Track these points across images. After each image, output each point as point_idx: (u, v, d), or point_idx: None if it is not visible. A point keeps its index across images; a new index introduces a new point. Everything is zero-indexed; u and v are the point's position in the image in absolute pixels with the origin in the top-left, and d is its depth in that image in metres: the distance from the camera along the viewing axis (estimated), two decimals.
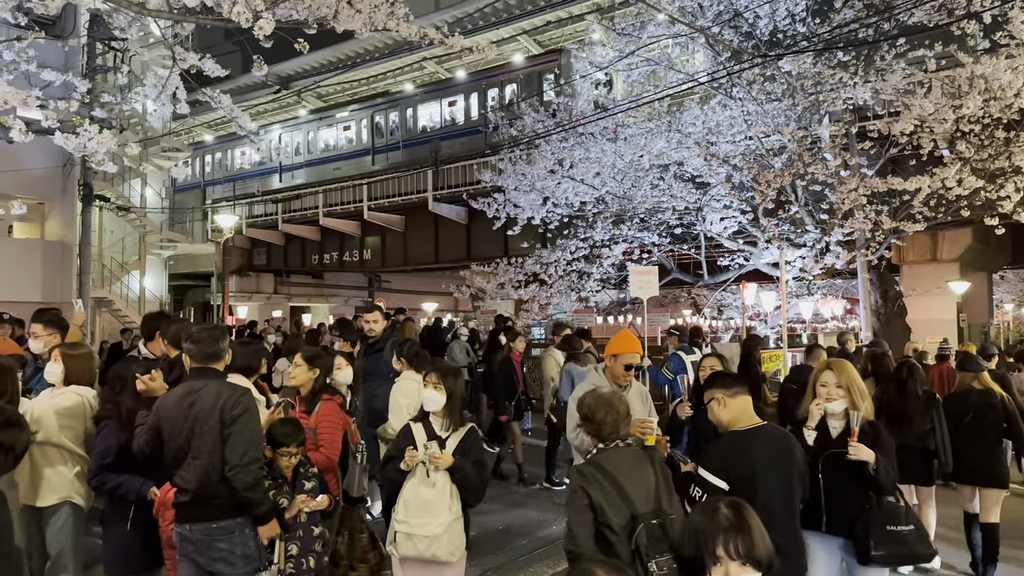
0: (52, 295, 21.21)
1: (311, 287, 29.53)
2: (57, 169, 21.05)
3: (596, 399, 3.19)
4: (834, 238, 12.22)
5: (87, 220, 19.90)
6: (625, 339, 4.24)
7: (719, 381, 3.43)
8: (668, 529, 2.89)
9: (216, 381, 3.47)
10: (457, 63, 25.96)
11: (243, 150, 28.75)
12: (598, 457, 3.11)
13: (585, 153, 13.40)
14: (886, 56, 11.62)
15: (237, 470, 3.28)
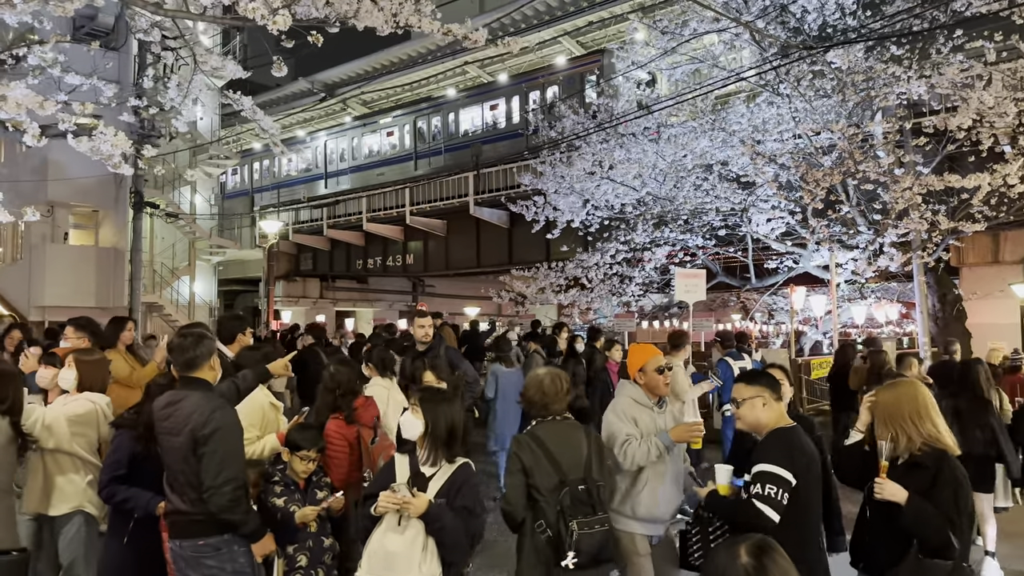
0: (105, 300, 21.79)
1: (356, 292, 29.76)
2: (110, 177, 21.62)
3: (544, 379, 3.51)
4: (888, 239, 11.70)
5: (138, 227, 20.38)
6: (639, 350, 3.92)
7: (764, 380, 3.28)
8: (593, 494, 3.28)
9: (196, 394, 3.27)
10: (499, 67, 25.90)
11: (290, 157, 29.19)
12: (535, 428, 3.46)
13: (626, 154, 13.13)
14: (942, 48, 11.09)
15: (212, 491, 3.11)
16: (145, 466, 3.54)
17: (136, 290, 20.77)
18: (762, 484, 2.98)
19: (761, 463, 3.05)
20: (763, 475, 3.01)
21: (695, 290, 8.64)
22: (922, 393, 3.09)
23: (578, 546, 3.16)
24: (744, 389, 3.23)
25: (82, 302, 21.24)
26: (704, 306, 38.03)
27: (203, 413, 3.17)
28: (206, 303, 25.20)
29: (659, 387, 3.74)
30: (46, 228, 21.40)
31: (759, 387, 3.20)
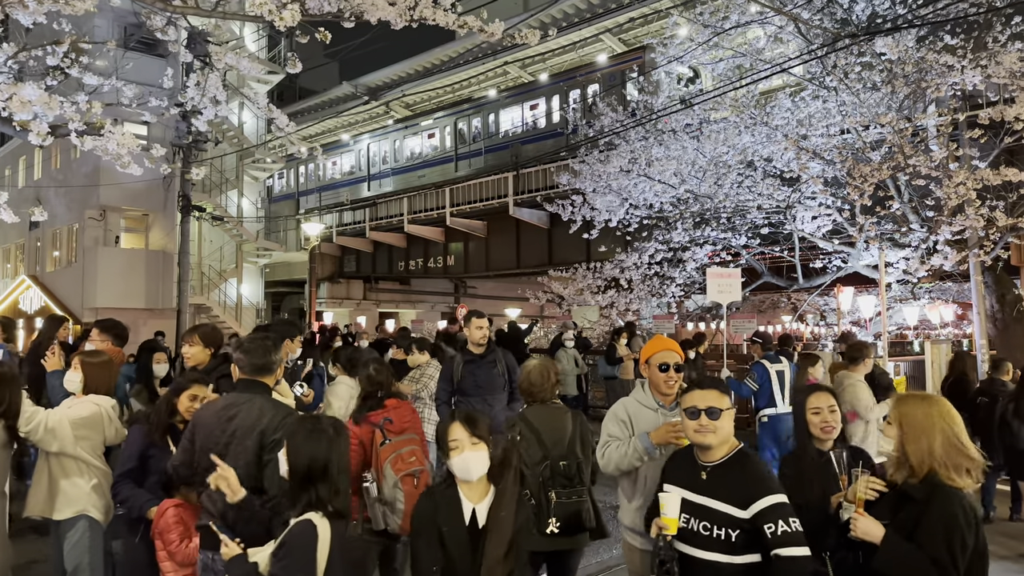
0: (155, 302, 22.32)
1: (398, 293, 29.94)
2: (159, 181, 22.14)
3: (533, 370, 3.95)
4: (942, 237, 11.16)
5: (186, 230, 20.77)
6: (652, 342, 3.64)
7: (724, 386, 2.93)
8: (573, 469, 3.69)
9: (261, 397, 3.20)
10: (540, 66, 25.74)
11: (334, 160, 29.54)
12: (525, 411, 3.94)
13: (665, 151, 12.82)
14: (999, 37, 10.52)
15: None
16: (152, 463, 3.52)
17: (184, 292, 21.16)
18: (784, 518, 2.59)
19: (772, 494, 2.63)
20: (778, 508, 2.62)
21: (729, 290, 8.22)
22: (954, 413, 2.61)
23: (555, 513, 3.60)
24: (721, 399, 2.78)
25: (133, 303, 21.79)
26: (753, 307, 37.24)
27: (276, 417, 3.09)
28: (253, 305, 25.63)
29: (660, 386, 3.38)
30: (99, 232, 22.03)
31: (728, 397, 2.84)
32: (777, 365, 7.46)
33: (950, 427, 2.54)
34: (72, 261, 22.69)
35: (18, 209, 7.03)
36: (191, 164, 20.78)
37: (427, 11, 4.67)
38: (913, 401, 2.68)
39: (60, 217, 23.17)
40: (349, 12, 4.71)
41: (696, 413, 2.73)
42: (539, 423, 3.81)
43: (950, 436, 2.54)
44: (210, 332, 4.34)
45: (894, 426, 2.61)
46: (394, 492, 3.90)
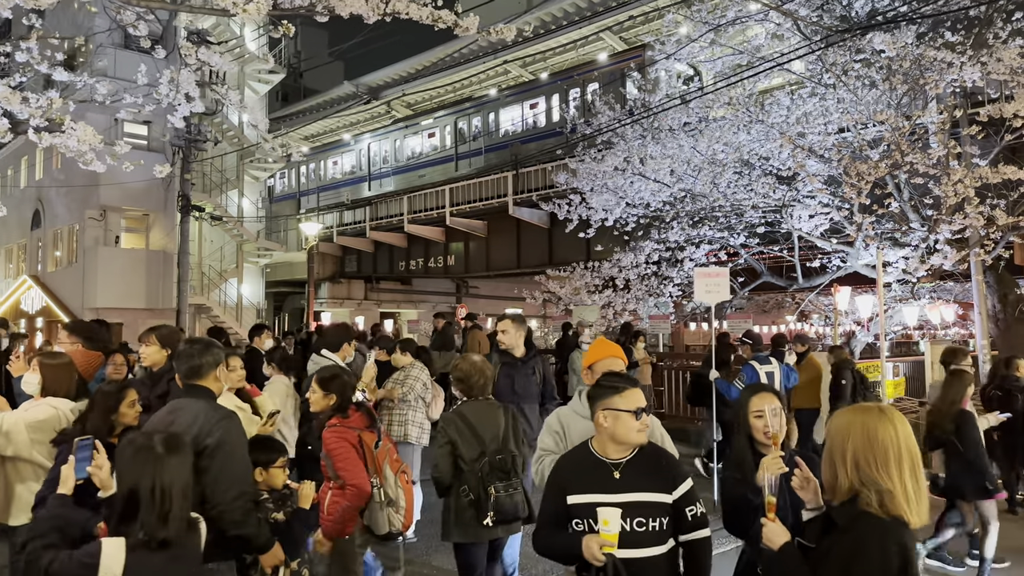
0: (155, 302, 22.33)
1: (400, 293, 29.87)
2: (159, 181, 22.13)
3: (470, 365, 4.10)
4: (942, 236, 11.00)
5: (185, 230, 20.79)
6: (594, 346, 3.52)
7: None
8: (508, 463, 3.85)
9: (199, 402, 3.13)
10: (541, 65, 25.64)
11: (335, 160, 29.52)
12: (460, 407, 4.05)
13: (661, 149, 12.70)
14: (1000, 33, 10.36)
15: (222, 507, 2.94)
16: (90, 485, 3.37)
17: (184, 292, 21.19)
18: (697, 502, 2.74)
19: (687, 479, 2.76)
20: (694, 492, 2.76)
21: (717, 290, 8.01)
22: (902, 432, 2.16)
23: (496, 507, 3.76)
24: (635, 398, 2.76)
25: (133, 303, 21.80)
26: (757, 307, 37.10)
27: (208, 422, 3.02)
28: (253, 305, 25.63)
29: None
30: (99, 232, 22.04)
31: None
32: (767, 367, 7.31)
33: (867, 443, 2.12)
34: (73, 261, 22.72)
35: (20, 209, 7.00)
36: (190, 164, 20.81)
37: (400, 4, 4.57)
38: (844, 411, 2.30)
39: (61, 217, 23.21)
40: (321, 6, 4.61)
41: (639, 413, 2.68)
42: (475, 419, 3.95)
43: (863, 453, 2.12)
44: (168, 334, 4.24)
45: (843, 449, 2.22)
46: (396, 491, 3.97)
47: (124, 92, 6.78)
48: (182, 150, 20.81)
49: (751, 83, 12.52)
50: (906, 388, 11.71)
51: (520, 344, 5.66)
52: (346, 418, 3.96)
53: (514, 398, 5.31)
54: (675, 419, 11.97)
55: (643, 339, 10.89)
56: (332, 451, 3.82)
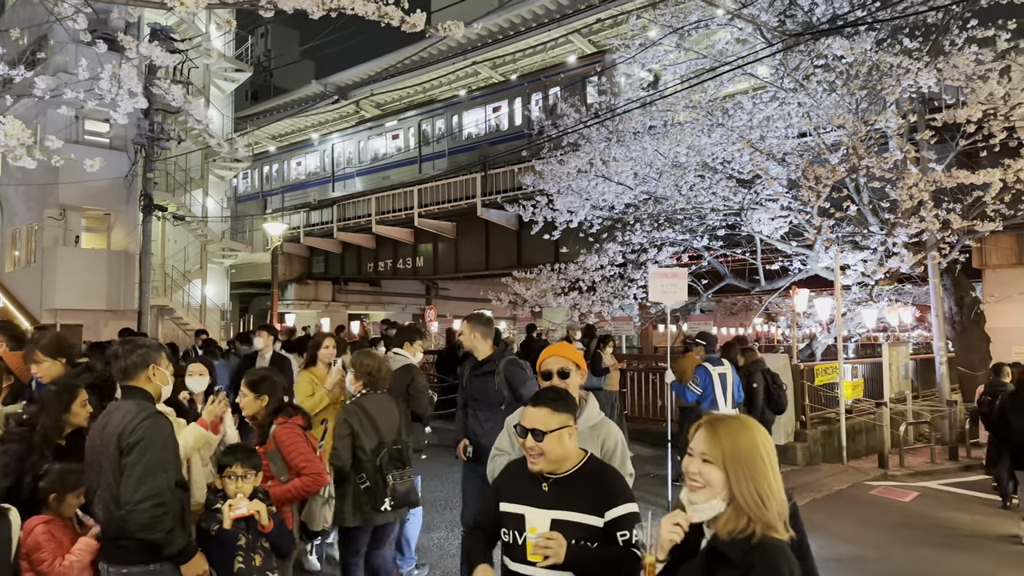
0: (116, 303, 21.89)
1: (368, 295, 29.65)
2: (120, 180, 21.76)
3: (374, 360, 4.41)
4: (899, 239, 11.16)
5: (147, 230, 20.38)
6: (548, 348, 3.34)
7: (568, 404, 2.58)
8: (404, 453, 4.20)
9: (129, 401, 3.08)
10: (511, 67, 25.61)
11: (299, 160, 29.33)
12: (362, 400, 4.26)
13: (625, 151, 12.73)
14: (956, 40, 10.54)
15: (129, 508, 2.86)
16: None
17: (145, 293, 20.78)
18: (633, 529, 2.39)
19: (627, 503, 2.48)
20: (633, 517, 2.45)
21: (673, 290, 8.03)
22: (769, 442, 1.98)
23: (393, 493, 4.10)
24: (550, 417, 2.48)
25: (93, 304, 21.34)
26: (725, 310, 37.44)
27: (134, 420, 2.95)
28: (218, 306, 25.22)
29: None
30: (59, 231, 21.56)
31: (566, 415, 2.53)
32: (719, 368, 7.36)
33: (771, 458, 1.93)
34: (31, 261, 22.20)
35: None
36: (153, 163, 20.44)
37: (344, 0, 4.49)
38: (733, 425, 1.98)
39: (19, 216, 22.69)
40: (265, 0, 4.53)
41: (523, 433, 2.49)
42: (374, 411, 4.20)
43: (771, 471, 1.90)
44: (52, 343, 4.04)
45: (713, 463, 1.90)
46: (332, 487, 4.12)
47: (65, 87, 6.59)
48: (144, 148, 20.42)
49: (715, 87, 12.60)
50: (865, 389, 11.85)
51: (481, 346, 5.13)
52: (290, 417, 3.98)
53: (472, 403, 5.01)
54: (639, 420, 12.01)
55: (613, 343, 10.67)
56: (288, 444, 3.80)
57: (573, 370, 3.16)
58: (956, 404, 11.65)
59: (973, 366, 13.22)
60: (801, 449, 10.19)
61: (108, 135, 22.03)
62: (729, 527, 1.87)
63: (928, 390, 13.72)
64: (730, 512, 1.88)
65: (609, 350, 10.24)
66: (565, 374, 3.16)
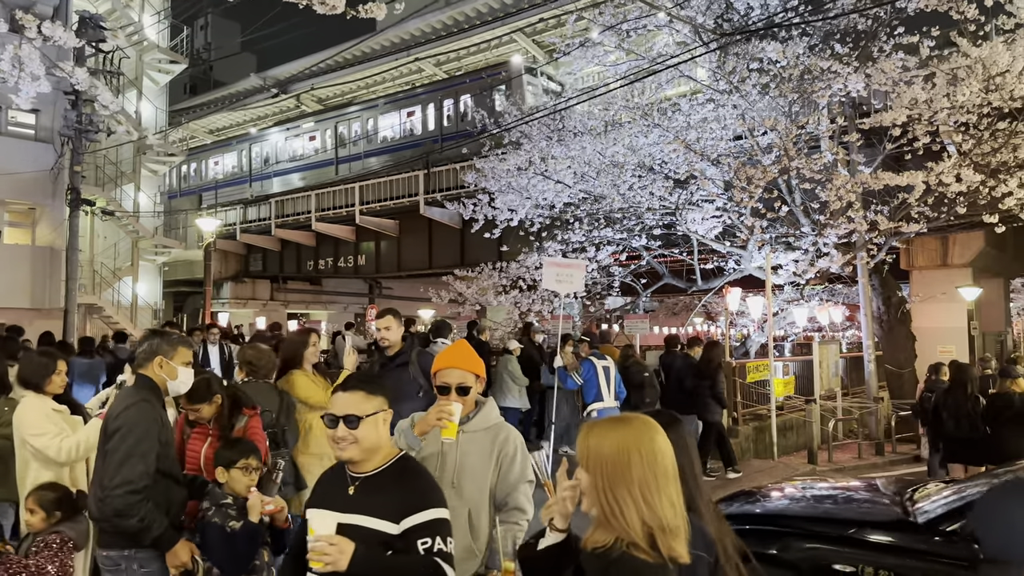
0: (41, 301, 21.00)
1: (309, 294, 29.06)
2: (46, 173, 20.87)
3: (256, 351, 4.66)
4: (830, 240, 11.42)
5: (74, 225, 19.58)
6: (446, 353, 2.92)
7: (384, 388, 2.38)
8: (278, 437, 4.28)
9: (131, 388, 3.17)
10: (455, 64, 25.45)
11: (216, 160, 29.18)
12: (243, 386, 4.37)
13: (565, 151, 12.74)
14: (884, 46, 10.84)
15: (106, 492, 2.88)
16: None
17: (72, 291, 19.95)
18: (442, 536, 2.16)
19: (434, 508, 2.20)
20: (440, 524, 2.19)
21: (570, 280, 8.18)
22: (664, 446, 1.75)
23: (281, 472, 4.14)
24: (365, 402, 2.24)
25: (16, 303, 20.41)
26: (667, 309, 37.93)
27: (119, 406, 3.03)
28: (150, 305, 24.39)
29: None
30: None
31: (381, 398, 2.30)
32: (603, 362, 7.88)
33: (651, 464, 1.69)
34: None
35: None
36: (81, 155, 19.65)
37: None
38: (609, 423, 1.79)
39: None
40: None
41: (333, 421, 2.22)
42: (258, 399, 4.22)
43: (648, 479, 1.67)
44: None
45: (584, 467, 1.73)
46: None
47: None
48: (71, 140, 19.61)
49: (653, 89, 12.71)
50: (796, 386, 12.08)
51: (398, 340, 5.23)
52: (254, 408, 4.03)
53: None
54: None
55: (571, 343, 10.50)
56: (260, 435, 3.88)
57: (473, 384, 2.80)
58: (883, 401, 11.98)
59: (899, 364, 13.64)
60: (733, 445, 10.30)
61: (34, 126, 21.12)
62: (594, 540, 1.67)
63: (857, 387, 14.09)
64: (594, 523, 1.67)
65: (568, 349, 10.09)
66: (464, 390, 2.78)
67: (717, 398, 8.82)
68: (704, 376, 8.85)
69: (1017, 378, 7.27)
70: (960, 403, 7.56)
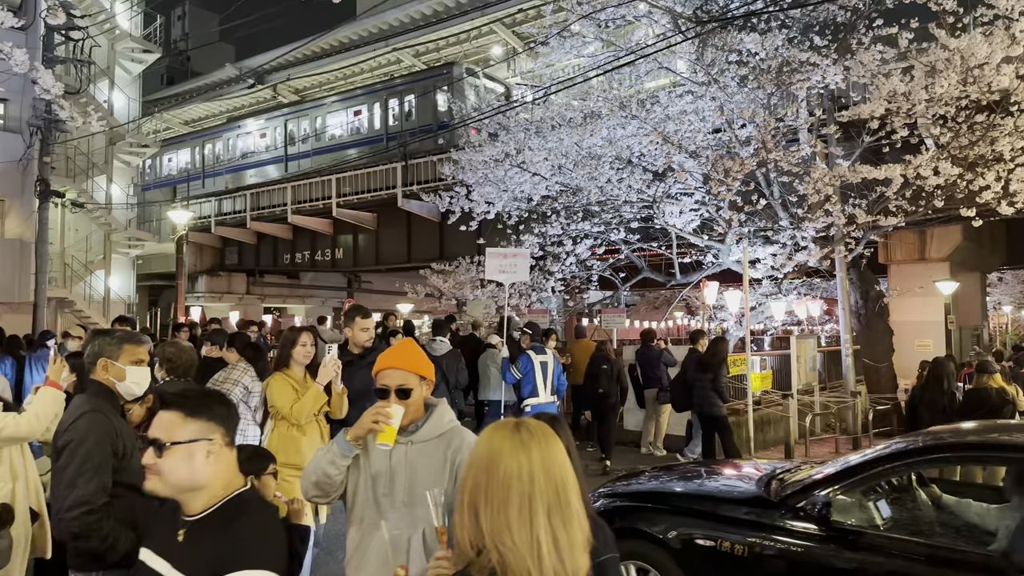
0: (10, 294, 20.56)
1: (286, 288, 28.71)
2: (14, 164, 20.42)
3: (176, 349, 4.49)
4: (807, 233, 11.34)
5: (43, 217, 19.16)
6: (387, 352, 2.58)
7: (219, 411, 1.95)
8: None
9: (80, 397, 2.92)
10: (434, 55, 25.17)
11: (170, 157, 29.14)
12: (164, 385, 4.18)
13: (543, 143, 12.56)
14: (863, 39, 10.74)
15: (60, 516, 2.63)
16: None
17: (41, 284, 19.53)
18: None
19: (253, 568, 1.72)
20: None
21: (513, 270, 8.13)
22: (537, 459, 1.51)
23: None
24: (180, 426, 1.83)
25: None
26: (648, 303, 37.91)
27: (66, 420, 2.78)
28: (123, 299, 23.95)
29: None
30: None
31: (208, 424, 1.86)
32: (542, 356, 7.66)
33: (488, 478, 1.49)
34: None
35: None
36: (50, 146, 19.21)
37: None
38: (489, 430, 1.57)
39: None
40: None
41: (146, 443, 1.85)
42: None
43: (484, 493, 1.48)
44: None
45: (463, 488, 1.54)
46: None
47: None
48: (40, 131, 19.17)
49: (632, 81, 12.56)
50: (773, 381, 12.01)
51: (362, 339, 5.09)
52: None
53: (357, 398, 4.67)
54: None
55: (555, 337, 10.30)
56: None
57: (416, 385, 2.46)
58: (860, 395, 11.94)
59: (877, 358, 13.62)
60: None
61: (2, 116, 20.65)
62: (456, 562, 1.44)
63: (835, 382, 14.06)
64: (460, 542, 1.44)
65: (552, 344, 9.92)
66: (405, 392, 2.44)
67: (718, 392, 8.60)
68: (706, 369, 8.64)
69: (994, 373, 7.22)
70: (936, 398, 7.51)
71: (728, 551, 3.79)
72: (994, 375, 7.19)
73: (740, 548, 3.76)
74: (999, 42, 8.52)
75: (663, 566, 4.03)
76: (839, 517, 3.58)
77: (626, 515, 4.30)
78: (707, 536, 3.92)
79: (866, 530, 3.53)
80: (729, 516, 3.96)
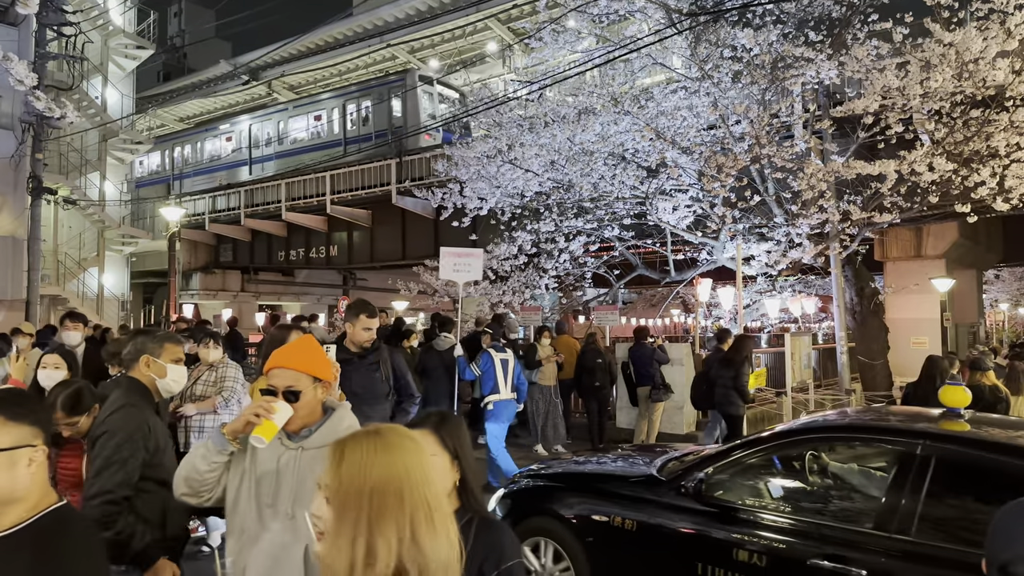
0: (3, 292, 20.48)
1: (281, 285, 28.61)
2: (7, 161, 20.31)
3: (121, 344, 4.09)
4: (802, 229, 11.25)
5: (36, 214, 19.07)
6: (279, 350, 2.33)
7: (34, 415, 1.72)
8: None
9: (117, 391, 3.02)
10: (429, 52, 25.05)
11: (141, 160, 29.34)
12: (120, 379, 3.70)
13: (535, 139, 12.47)
14: (858, 34, 10.66)
15: (85, 502, 2.76)
16: None
17: (34, 281, 19.44)
18: None
19: None
20: None
21: (467, 269, 8.25)
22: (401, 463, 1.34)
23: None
24: (2, 431, 1.63)
25: None
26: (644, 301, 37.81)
27: (103, 413, 2.93)
28: (116, 296, 23.85)
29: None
30: None
31: (28, 428, 1.66)
32: (502, 354, 7.74)
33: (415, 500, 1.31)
34: None
35: None
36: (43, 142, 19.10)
37: None
38: (363, 452, 1.33)
39: None
40: None
41: None
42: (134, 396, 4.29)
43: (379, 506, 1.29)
44: None
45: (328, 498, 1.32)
46: None
47: None
48: (33, 127, 19.05)
49: (627, 75, 12.47)
50: (768, 379, 11.93)
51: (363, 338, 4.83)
52: None
53: (353, 398, 4.37)
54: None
55: (548, 334, 10.20)
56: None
57: (308, 387, 2.23)
58: (855, 392, 11.87)
59: (872, 355, 13.54)
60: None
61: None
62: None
63: (830, 379, 14.00)
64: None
65: (546, 341, 9.84)
66: (294, 395, 2.21)
67: (739, 390, 8.36)
68: (729, 366, 8.41)
69: (987, 370, 7.15)
70: (929, 395, 7.45)
71: (619, 526, 4.13)
72: (987, 372, 7.12)
73: (629, 523, 4.09)
74: (994, 37, 8.44)
75: (566, 542, 4.36)
76: (713, 494, 3.91)
77: (540, 496, 4.65)
78: (602, 513, 4.26)
79: (737, 506, 3.82)
80: (622, 494, 4.28)
